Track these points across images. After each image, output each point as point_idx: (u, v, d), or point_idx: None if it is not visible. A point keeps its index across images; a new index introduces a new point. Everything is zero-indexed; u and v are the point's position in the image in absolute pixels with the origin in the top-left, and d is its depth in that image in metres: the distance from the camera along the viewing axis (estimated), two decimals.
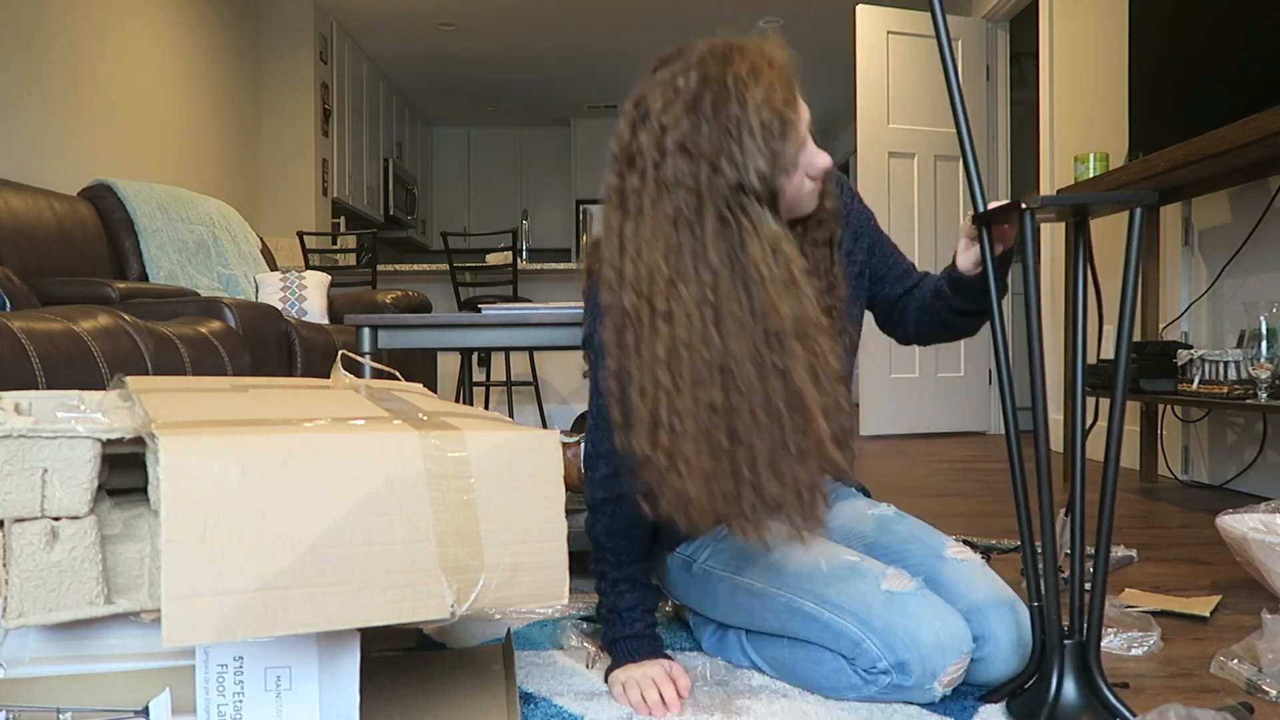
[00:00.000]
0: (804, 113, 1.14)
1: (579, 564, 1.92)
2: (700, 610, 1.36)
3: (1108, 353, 3.53)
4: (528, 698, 1.18)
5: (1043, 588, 1.10)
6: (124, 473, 1.01)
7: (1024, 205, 1.09)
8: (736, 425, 1.05)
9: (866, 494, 1.50)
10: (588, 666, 1.29)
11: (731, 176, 1.07)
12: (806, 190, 1.18)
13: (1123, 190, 1.30)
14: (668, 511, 1.09)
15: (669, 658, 1.22)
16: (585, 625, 1.45)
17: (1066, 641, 1.08)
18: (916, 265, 1.47)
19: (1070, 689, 1.07)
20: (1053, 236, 4.07)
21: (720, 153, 1.06)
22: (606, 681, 1.21)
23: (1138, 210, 1.10)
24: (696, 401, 1.05)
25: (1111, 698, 1.06)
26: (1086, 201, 1.12)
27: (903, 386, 4.68)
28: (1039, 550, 1.13)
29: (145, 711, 0.87)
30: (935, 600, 1.14)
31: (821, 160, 1.16)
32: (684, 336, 1.06)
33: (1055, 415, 4.05)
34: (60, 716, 0.87)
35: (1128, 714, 1.04)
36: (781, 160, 1.09)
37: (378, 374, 1.86)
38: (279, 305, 3.71)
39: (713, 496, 1.06)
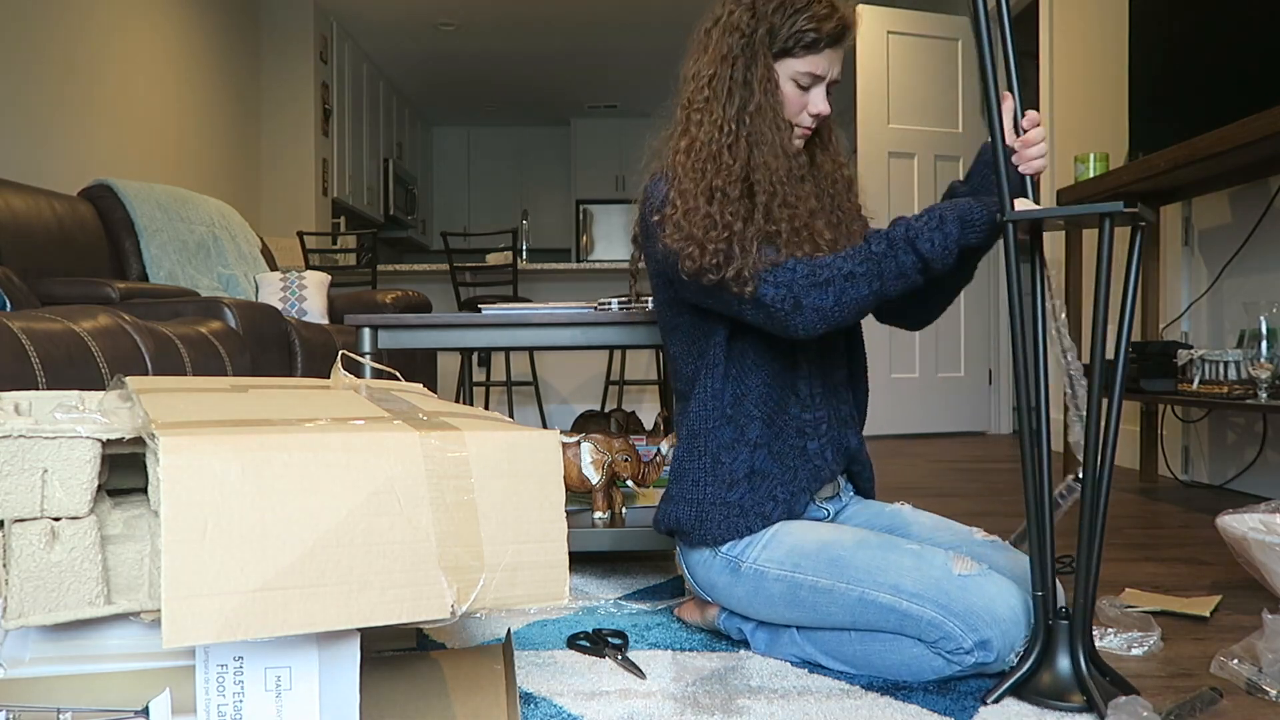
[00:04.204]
0: (833, 64, 1.36)
1: (579, 564, 1.93)
2: (749, 612, 1.35)
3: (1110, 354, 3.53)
4: (528, 698, 1.18)
5: (1046, 575, 1.15)
6: (124, 473, 1.01)
7: (1002, 218, 1.16)
8: (729, 209, 1.29)
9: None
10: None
11: (777, 39, 1.32)
12: (793, 117, 1.36)
13: (1094, 202, 1.36)
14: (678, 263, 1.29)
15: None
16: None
17: (1063, 621, 1.14)
18: None
19: (1065, 664, 1.13)
20: (1054, 238, 4.07)
21: (776, 17, 1.32)
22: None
23: (1107, 221, 1.13)
24: (696, 185, 1.31)
25: (1092, 673, 1.12)
26: (1061, 214, 1.15)
27: (903, 386, 4.68)
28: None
29: (145, 711, 0.87)
30: (1001, 578, 1.21)
31: (816, 105, 1.36)
32: (703, 138, 1.33)
33: (1056, 414, 4.06)
34: (60, 716, 0.87)
35: (1098, 695, 1.09)
36: (801, 55, 1.33)
37: (378, 374, 1.86)
38: (279, 305, 3.71)
39: (698, 253, 1.27)
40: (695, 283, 1.30)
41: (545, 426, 3.62)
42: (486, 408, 4.96)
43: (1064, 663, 1.13)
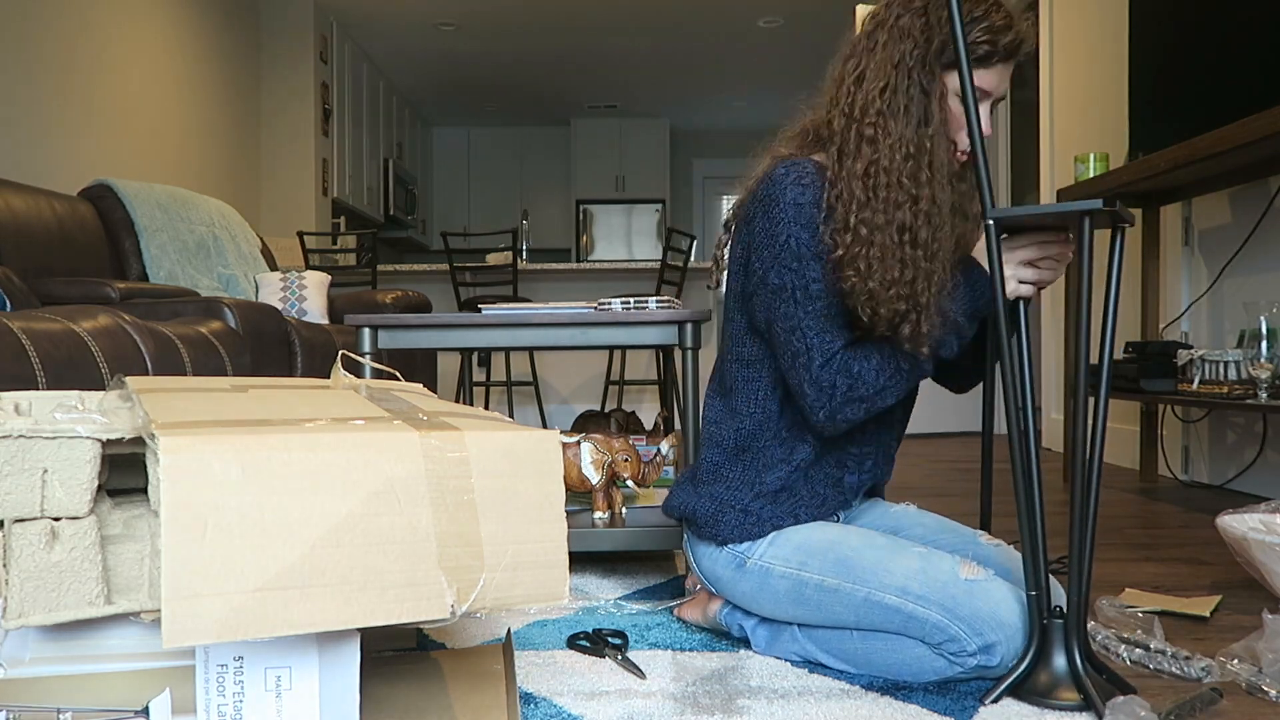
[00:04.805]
0: (1002, 80, 1.26)
1: (579, 564, 1.93)
2: (753, 608, 1.35)
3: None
4: (528, 698, 1.18)
5: (1040, 573, 1.15)
6: (124, 473, 1.01)
7: (989, 219, 1.17)
8: (919, 252, 1.20)
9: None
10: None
11: (947, 50, 1.22)
12: (957, 135, 1.27)
13: (1075, 200, 1.35)
14: (855, 304, 1.21)
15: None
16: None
17: (1058, 621, 1.15)
18: None
19: (1061, 663, 1.14)
20: None
21: (949, 26, 1.20)
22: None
23: (1086, 220, 1.12)
24: (889, 219, 1.19)
25: (1089, 671, 1.13)
26: (1041, 213, 1.16)
27: None
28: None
29: (145, 711, 0.87)
30: (1007, 584, 1.21)
31: (982, 125, 1.24)
32: (884, 163, 1.21)
33: (1055, 415, 4.06)
34: (60, 716, 0.87)
35: (1094, 693, 1.09)
36: (972, 68, 1.21)
37: (378, 374, 1.86)
38: (279, 305, 3.71)
39: (890, 297, 1.19)
40: (796, 307, 1.25)
41: (545, 426, 3.62)
42: (486, 408, 4.96)
43: (1060, 661, 1.14)
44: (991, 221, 1.18)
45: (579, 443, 1.86)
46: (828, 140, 1.28)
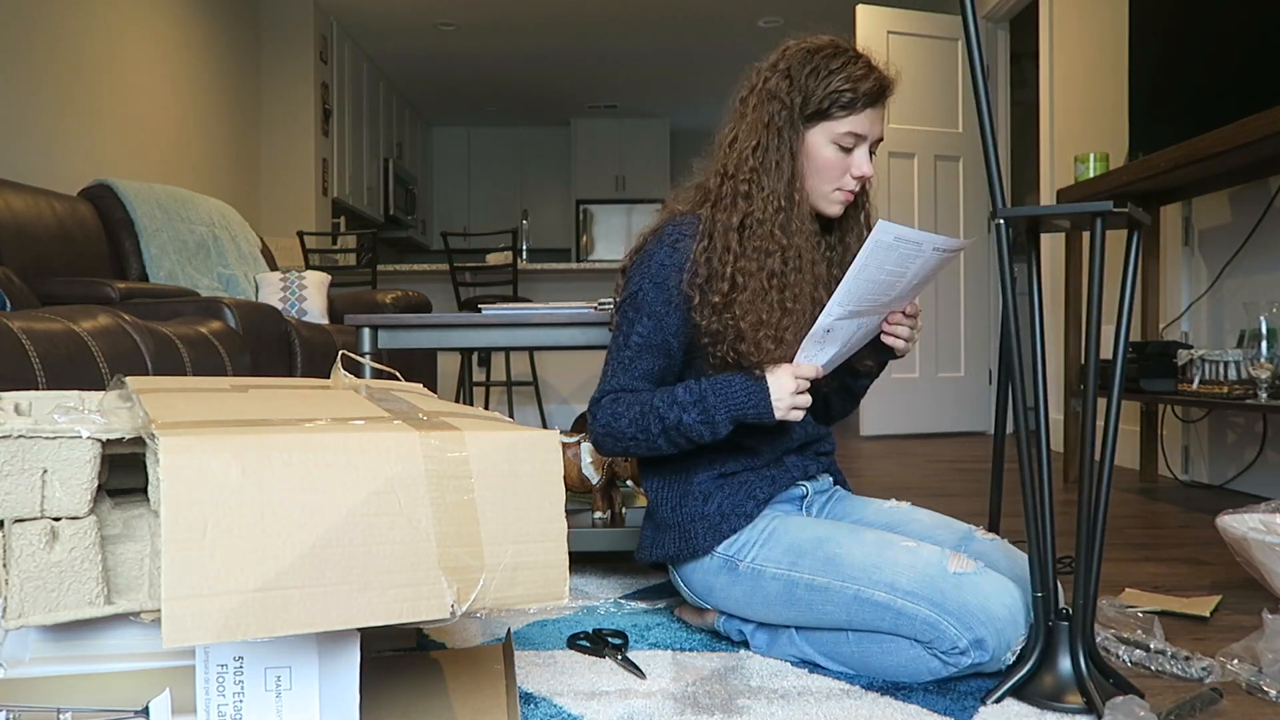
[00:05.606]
0: (874, 123, 1.33)
1: (579, 564, 1.93)
2: (747, 613, 1.35)
3: (1106, 352, 3.53)
4: (528, 698, 1.18)
5: (1047, 575, 1.15)
6: (124, 473, 1.01)
7: (998, 218, 1.19)
8: (786, 295, 1.30)
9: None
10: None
11: (811, 102, 1.31)
12: (835, 181, 1.35)
13: (1084, 201, 1.36)
14: (725, 348, 1.31)
15: (761, 375, 1.29)
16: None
17: (1064, 622, 1.14)
18: None
19: (1065, 665, 1.13)
20: (1053, 238, 4.07)
21: (811, 81, 1.31)
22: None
23: (1098, 221, 1.13)
24: (760, 266, 1.30)
25: (1093, 673, 1.12)
26: (1053, 213, 1.16)
27: (903, 386, 4.68)
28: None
29: (145, 711, 0.87)
30: (998, 576, 1.21)
31: (860, 167, 1.34)
32: (758, 214, 1.31)
33: (1055, 415, 4.06)
34: (60, 716, 0.87)
35: (1097, 696, 1.09)
36: (841, 116, 1.31)
37: (378, 374, 1.86)
38: (279, 305, 3.71)
39: (760, 338, 1.28)
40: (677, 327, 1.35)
41: (545, 426, 3.62)
42: (486, 408, 4.96)
43: (1064, 663, 1.13)
44: (1001, 221, 1.18)
45: (579, 443, 1.86)
46: (708, 197, 1.38)
